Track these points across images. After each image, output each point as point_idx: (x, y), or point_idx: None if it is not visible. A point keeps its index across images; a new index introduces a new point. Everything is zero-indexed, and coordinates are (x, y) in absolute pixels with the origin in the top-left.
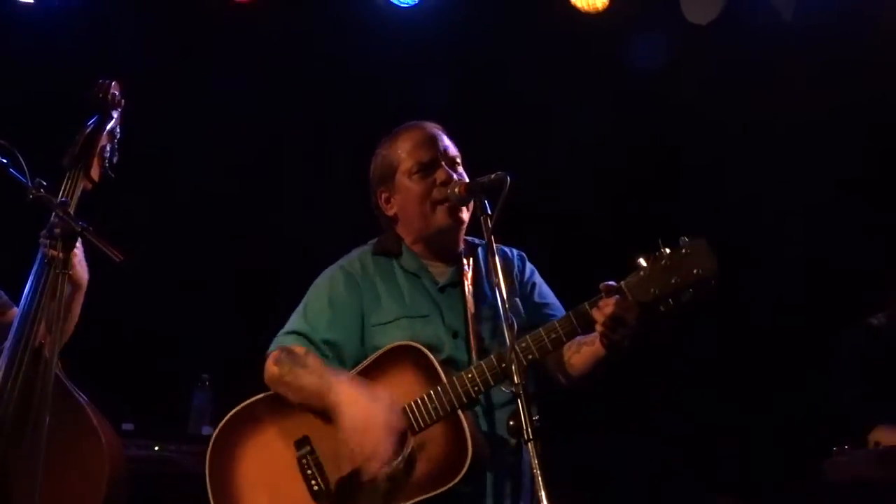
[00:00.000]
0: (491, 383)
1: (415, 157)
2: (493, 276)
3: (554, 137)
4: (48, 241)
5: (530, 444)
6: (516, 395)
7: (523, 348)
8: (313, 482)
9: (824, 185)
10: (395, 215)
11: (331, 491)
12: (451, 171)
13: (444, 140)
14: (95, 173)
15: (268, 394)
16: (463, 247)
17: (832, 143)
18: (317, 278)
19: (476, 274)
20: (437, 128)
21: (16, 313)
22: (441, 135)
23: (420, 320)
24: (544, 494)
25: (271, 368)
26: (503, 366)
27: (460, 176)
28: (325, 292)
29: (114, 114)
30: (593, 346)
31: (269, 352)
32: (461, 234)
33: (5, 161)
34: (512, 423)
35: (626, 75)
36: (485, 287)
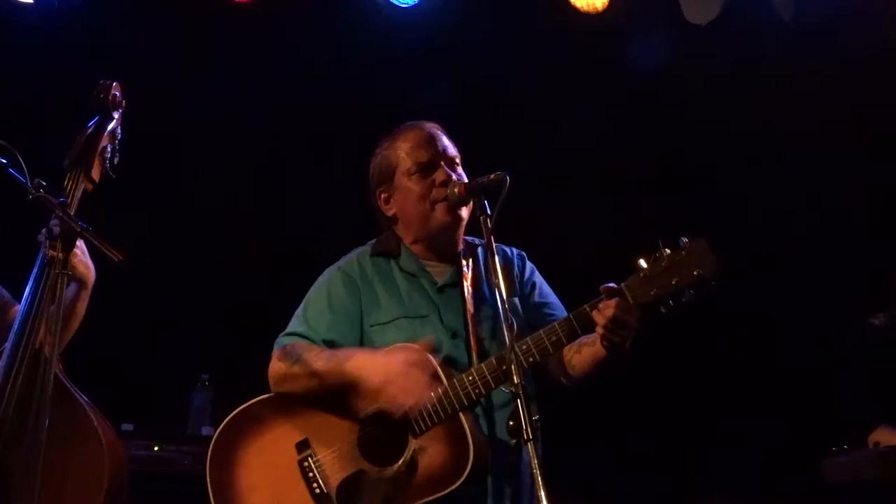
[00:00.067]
0: (492, 386)
1: (414, 158)
2: (493, 277)
3: (553, 137)
4: (48, 241)
5: (530, 445)
6: (515, 395)
7: (524, 350)
8: (315, 485)
9: (824, 185)
10: (395, 215)
11: (332, 494)
12: (451, 171)
13: (444, 140)
14: (96, 174)
15: (268, 395)
16: (462, 247)
17: (832, 143)
18: (316, 280)
19: (475, 274)
20: (436, 128)
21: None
22: (440, 135)
23: (419, 320)
24: (544, 494)
25: (276, 365)
26: (503, 367)
27: (459, 176)
28: (325, 294)
29: (115, 115)
30: (594, 347)
31: (272, 355)
32: (460, 232)
33: (5, 161)
34: (512, 423)
35: (625, 75)
36: (484, 287)
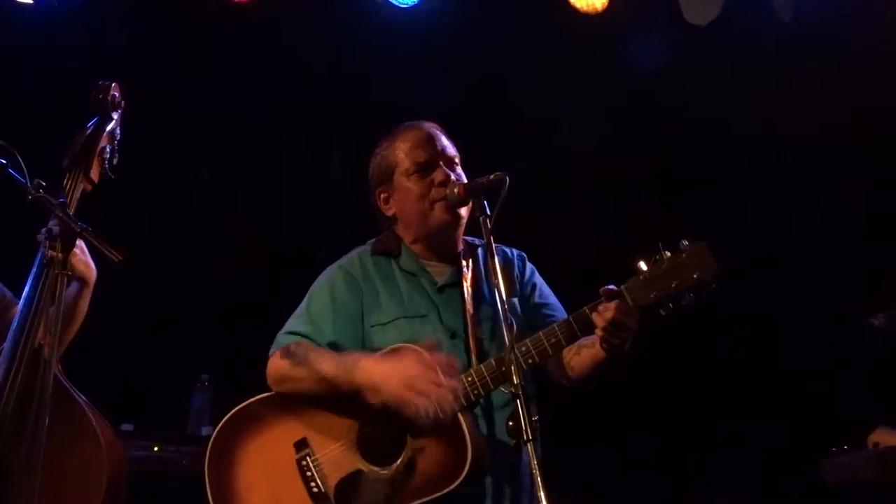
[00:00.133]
0: (491, 387)
1: (413, 158)
2: (493, 277)
3: (553, 137)
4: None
5: (529, 445)
6: (515, 395)
7: (523, 352)
8: (312, 484)
9: (824, 185)
10: (395, 215)
11: (330, 493)
12: (450, 170)
13: (443, 140)
14: (95, 174)
15: (267, 395)
16: (462, 247)
17: (832, 143)
18: (317, 278)
19: (475, 274)
20: (435, 128)
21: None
22: (439, 135)
23: (418, 320)
24: (543, 495)
25: (279, 363)
26: (503, 369)
27: (458, 176)
28: (327, 293)
29: (114, 115)
30: (593, 349)
31: (272, 352)
32: (459, 232)
33: (4, 161)
34: (511, 423)
35: (625, 76)
36: (484, 288)
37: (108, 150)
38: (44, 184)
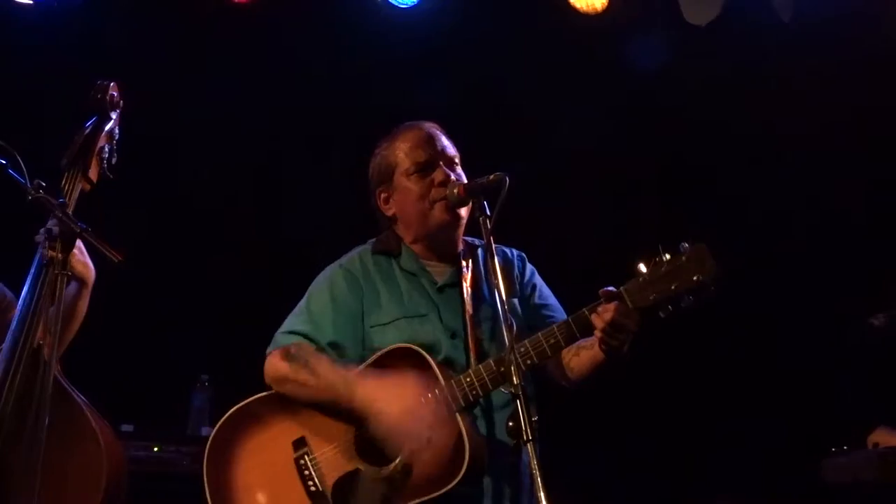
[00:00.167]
0: (489, 387)
1: (413, 158)
2: (493, 278)
3: (553, 138)
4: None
5: (529, 445)
6: (515, 396)
7: (522, 353)
8: (310, 483)
9: (824, 185)
10: (395, 215)
11: (328, 492)
12: (450, 170)
13: (443, 140)
14: (94, 174)
15: (266, 393)
16: (462, 247)
17: (832, 143)
18: (317, 277)
19: (475, 275)
20: (435, 128)
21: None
22: (439, 135)
23: (418, 320)
24: (543, 495)
25: (279, 365)
26: (501, 370)
27: (458, 176)
28: (328, 292)
29: (112, 115)
30: (592, 351)
31: (270, 351)
32: (459, 232)
33: (4, 162)
34: (511, 423)
35: (625, 76)
36: (483, 288)
37: (106, 149)
38: (43, 184)
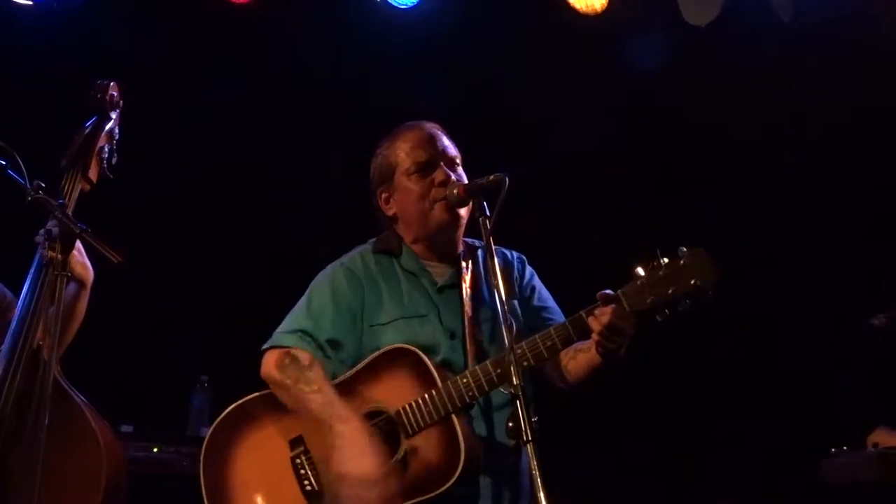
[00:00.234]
0: (486, 389)
1: (413, 157)
2: (492, 278)
3: (553, 138)
4: (47, 242)
5: (529, 446)
6: (515, 396)
7: (519, 355)
8: (306, 482)
9: (824, 185)
10: (395, 215)
11: (323, 491)
12: (451, 171)
13: (444, 140)
14: (93, 174)
15: (263, 392)
16: (462, 248)
17: (832, 143)
18: (317, 276)
19: (474, 276)
20: (436, 128)
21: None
22: (440, 135)
23: (417, 320)
24: (543, 496)
25: (273, 371)
26: (498, 371)
27: (459, 176)
28: (328, 290)
29: (112, 115)
30: (588, 354)
31: (268, 347)
32: (459, 233)
33: (4, 163)
34: (511, 424)
35: (625, 76)
36: (483, 289)
37: (106, 149)
38: (43, 185)
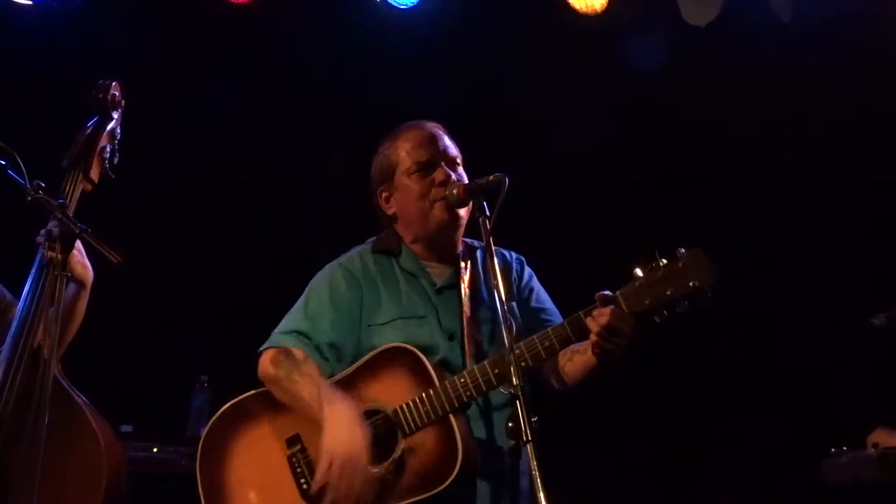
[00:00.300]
0: (483, 389)
1: (414, 157)
2: (492, 279)
3: (553, 138)
4: (47, 242)
5: (529, 446)
6: (514, 396)
7: (517, 355)
8: (303, 481)
9: (824, 185)
10: (395, 214)
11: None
12: (451, 171)
13: (445, 140)
14: (95, 174)
15: (260, 390)
16: (461, 249)
17: (832, 143)
18: (315, 276)
19: (473, 276)
20: (437, 128)
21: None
22: (441, 135)
23: (416, 321)
24: (543, 496)
25: (268, 368)
26: (497, 371)
27: (460, 176)
28: (327, 290)
29: (114, 114)
30: (585, 355)
31: (265, 348)
32: (459, 233)
33: (4, 163)
34: (511, 424)
35: (625, 76)
36: (482, 290)
37: (108, 149)
38: (43, 185)
